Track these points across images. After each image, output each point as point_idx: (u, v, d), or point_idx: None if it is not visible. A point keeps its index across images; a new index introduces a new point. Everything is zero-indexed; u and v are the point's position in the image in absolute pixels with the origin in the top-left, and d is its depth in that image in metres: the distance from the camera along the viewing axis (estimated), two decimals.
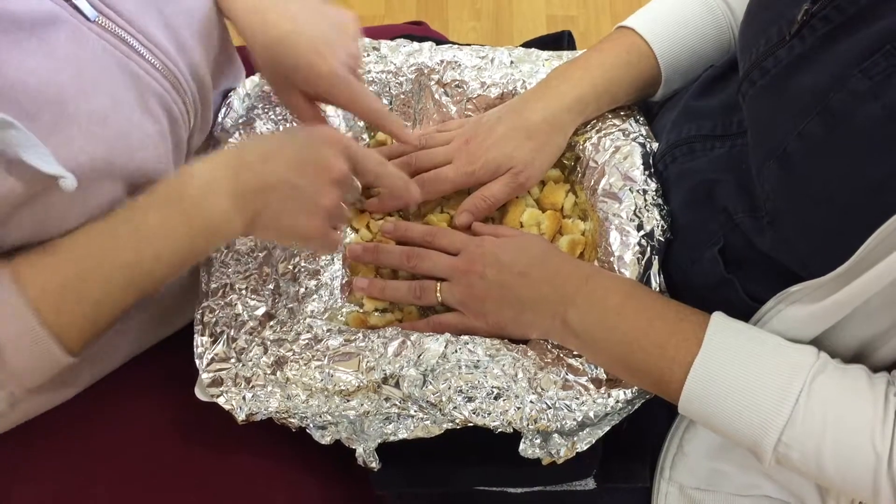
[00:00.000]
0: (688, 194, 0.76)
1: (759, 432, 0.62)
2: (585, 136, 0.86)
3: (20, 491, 0.76)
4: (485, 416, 0.68)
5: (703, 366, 0.64)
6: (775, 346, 0.64)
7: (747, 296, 0.69)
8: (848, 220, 0.58)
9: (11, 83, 0.53)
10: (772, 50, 0.64)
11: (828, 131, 0.58)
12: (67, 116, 0.57)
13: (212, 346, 0.72)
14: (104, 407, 0.78)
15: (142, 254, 0.62)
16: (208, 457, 0.77)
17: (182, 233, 0.62)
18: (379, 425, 0.71)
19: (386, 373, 0.70)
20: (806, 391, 0.61)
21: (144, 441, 0.78)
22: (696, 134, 0.77)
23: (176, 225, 0.62)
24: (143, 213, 0.62)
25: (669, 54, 0.83)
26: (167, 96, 0.67)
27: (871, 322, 0.61)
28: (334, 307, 0.79)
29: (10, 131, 0.51)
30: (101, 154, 0.59)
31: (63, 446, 0.77)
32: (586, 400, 0.70)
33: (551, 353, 0.73)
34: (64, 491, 0.76)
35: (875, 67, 0.55)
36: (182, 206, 0.62)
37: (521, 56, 0.93)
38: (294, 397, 0.70)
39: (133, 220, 0.62)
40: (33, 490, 0.76)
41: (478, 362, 0.70)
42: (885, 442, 0.59)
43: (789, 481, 0.74)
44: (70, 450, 0.77)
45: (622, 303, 0.70)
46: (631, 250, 0.75)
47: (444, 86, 0.91)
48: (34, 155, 0.52)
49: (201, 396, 0.72)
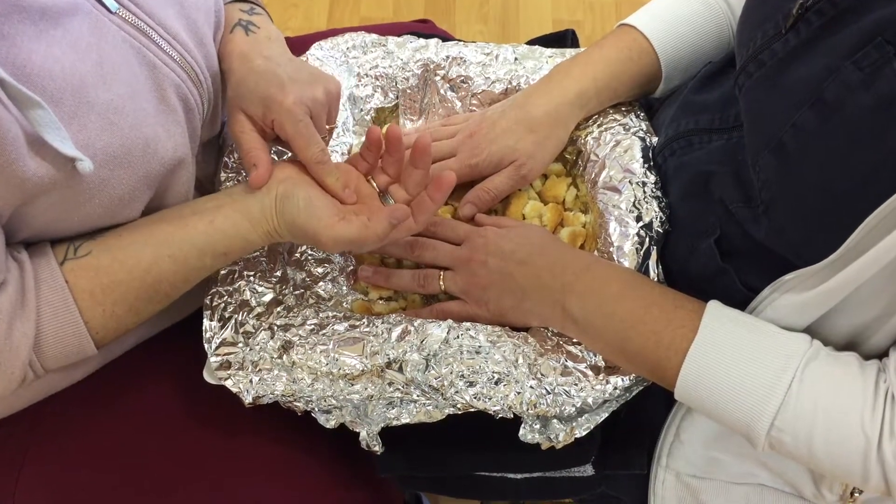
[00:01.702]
0: (685, 186, 0.78)
1: (753, 417, 0.63)
2: (587, 131, 0.87)
3: (28, 473, 0.77)
4: (486, 400, 0.70)
5: (699, 352, 0.66)
6: (769, 333, 0.66)
7: (743, 285, 0.70)
8: (840, 208, 0.59)
9: (38, 70, 0.56)
10: (768, 43, 0.66)
11: (821, 122, 0.59)
12: (87, 104, 0.59)
13: (220, 330, 0.74)
14: (114, 389, 0.80)
15: (213, 247, 0.69)
16: (215, 438, 0.79)
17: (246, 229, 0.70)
18: (382, 409, 0.73)
19: (389, 357, 0.71)
20: (798, 377, 0.62)
21: (153, 422, 0.80)
22: (694, 128, 0.78)
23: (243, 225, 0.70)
24: (212, 212, 0.70)
25: (670, 51, 0.85)
26: (184, 86, 0.69)
27: (862, 310, 0.62)
28: (340, 295, 0.81)
29: (38, 111, 0.54)
30: (118, 141, 0.62)
31: (71, 428, 0.79)
32: (585, 386, 0.71)
33: (551, 341, 0.74)
34: (71, 473, 0.78)
35: (866, 59, 0.56)
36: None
37: (525, 53, 0.95)
38: (300, 381, 0.72)
39: (205, 216, 0.69)
40: (41, 472, 0.78)
41: (479, 348, 0.72)
42: (875, 426, 0.60)
43: (784, 469, 0.75)
44: (78, 432, 0.79)
45: (620, 291, 0.72)
46: (630, 241, 0.77)
47: (450, 81, 0.93)
48: (55, 136, 0.55)
49: (209, 379, 0.73)
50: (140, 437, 0.79)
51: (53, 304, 0.64)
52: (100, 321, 0.66)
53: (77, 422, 0.79)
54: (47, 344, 0.64)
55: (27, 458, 0.78)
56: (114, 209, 0.65)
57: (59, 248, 0.66)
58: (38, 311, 0.63)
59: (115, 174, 0.62)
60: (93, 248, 0.66)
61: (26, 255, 0.64)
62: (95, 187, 0.62)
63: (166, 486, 0.77)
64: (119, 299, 0.67)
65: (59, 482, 0.78)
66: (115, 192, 0.63)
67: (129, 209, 0.67)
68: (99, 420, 0.79)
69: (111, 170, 0.62)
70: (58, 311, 0.64)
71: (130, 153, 0.63)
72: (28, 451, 0.78)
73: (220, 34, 0.76)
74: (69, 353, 0.66)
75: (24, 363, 0.63)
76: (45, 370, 0.66)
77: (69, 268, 0.65)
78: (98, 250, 0.66)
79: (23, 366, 0.63)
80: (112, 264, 0.66)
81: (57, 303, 0.64)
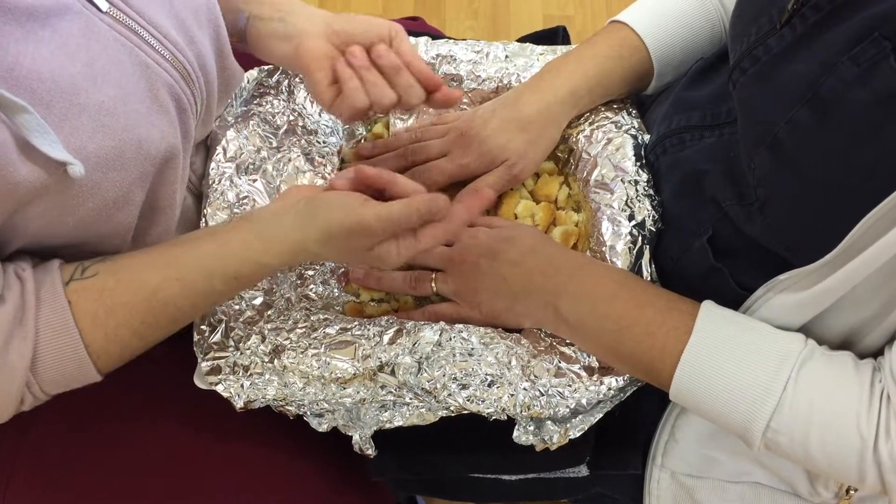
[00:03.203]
0: (678, 185, 0.78)
1: (749, 418, 0.63)
2: (579, 129, 0.87)
3: (18, 479, 0.76)
4: (479, 402, 0.69)
5: (693, 354, 0.65)
6: (764, 333, 0.65)
7: (737, 284, 0.70)
8: (837, 206, 0.59)
9: (27, 72, 0.54)
10: (762, 39, 0.65)
11: (818, 118, 0.59)
12: (78, 106, 0.58)
13: (210, 335, 0.73)
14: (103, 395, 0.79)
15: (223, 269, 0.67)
16: (206, 443, 0.78)
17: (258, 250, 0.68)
18: (375, 413, 0.72)
19: (382, 360, 0.70)
20: (794, 378, 0.62)
21: (143, 428, 0.79)
22: (685, 125, 0.77)
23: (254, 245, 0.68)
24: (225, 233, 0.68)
25: (661, 48, 0.84)
26: (176, 86, 0.67)
27: (857, 309, 0.62)
28: (331, 297, 0.80)
29: (25, 116, 0.53)
30: (110, 143, 0.60)
31: (62, 432, 0.78)
32: (579, 387, 0.71)
33: (544, 342, 0.74)
34: (61, 478, 0.77)
35: (863, 54, 0.56)
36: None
37: (516, 50, 0.94)
38: (291, 385, 0.71)
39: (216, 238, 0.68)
40: (30, 477, 0.77)
41: (472, 350, 0.71)
42: (871, 426, 0.60)
43: (779, 468, 0.75)
44: (69, 436, 0.78)
45: (613, 292, 0.71)
46: (623, 240, 0.77)
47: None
48: (44, 141, 0.54)
49: (200, 384, 0.73)
50: (131, 443, 0.78)
51: (53, 325, 0.62)
52: (101, 345, 0.64)
53: (67, 428, 0.78)
54: (45, 366, 0.62)
55: (16, 464, 0.77)
56: (108, 212, 0.64)
57: (67, 269, 0.65)
58: (36, 331, 0.61)
59: (108, 177, 0.61)
60: (100, 269, 0.65)
61: (31, 272, 0.63)
62: (88, 191, 0.60)
63: (158, 491, 0.77)
64: (123, 322, 0.64)
65: (49, 488, 0.77)
66: (109, 194, 0.62)
67: (124, 212, 0.66)
68: (88, 427, 0.78)
69: (104, 172, 0.61)
70: (58, 332, 0.62)
71: (123, 155, 0.62)
72: (17, 457, 0.77)
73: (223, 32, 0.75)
74: (69, 376, 0.64)
75: (21, 384, 0.62)
76: (45, 394, 0.64)
77: (73, 288, 0.63)
78: (105, 272, 0.65)
79: (20, 387, 0.62)
80: (117, 286, 0.65)
81: (57, 323, 0.62)
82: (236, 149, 0.82)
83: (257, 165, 0.82)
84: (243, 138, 0.83)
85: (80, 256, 0.67)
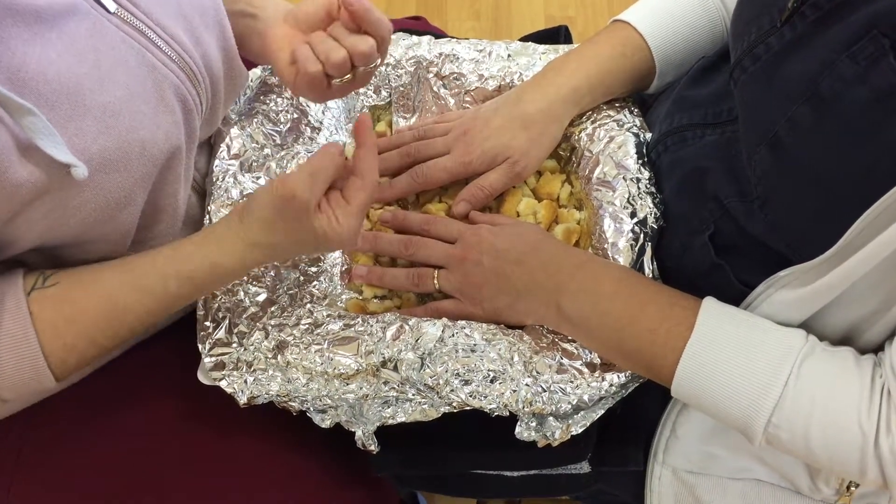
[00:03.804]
0: (680, 182, 0.78)
1: (750, 414, 0.63)
2: (581, 127, 0.87)
3: (21, 477, 0.77)
4: (481, 398, 0.70)
5: (695, 350, 0.66)
6: (765, 329, 0.65)
7: (738, 281, 0.70)
8: (837, 203, 0.59)
9: (34, 74, 0.55)
10: (763, 37, 0.66)
11: (817, 116, 0.59)
12: (83, 107, 0.58)
13: (214, 331, 0.74)
14: (107, 391, 0.80)
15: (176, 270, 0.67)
16: (210, 439, 0.79)
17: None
18: (378, 409, 0.73)
19: (384, 356, 0.71)
20: (795, 373, 0.62)
21: (147, 424, 0.79)
22: (687, 123, 0.78)
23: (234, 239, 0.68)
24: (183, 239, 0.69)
25: (664, 47, 0.85)
26: (182, 87, 0.68)
27: (858, 305, 0.62)
28: (334, 294, 0.81)
29: (30, 118, 0.53)
30: (115, 145, 0.61)
31: (65, 431, 0.78)
32: (581, 384, 0.71)
33: (546, 338, 0.74)
34: (65, 476, 0.77)
35: (862, 52, 0.56)
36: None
37: (519, 49, 0.94)
38: (294, 381, 0.71)
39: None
40: (33, 476, 0.77)
41: (474, 346, 0.72)
42: (872, 421, 0.60)
43: (781, 465, 0.75)
44: (71, 435, 0.78)
45: (615, 289, 0.72)
46: (624, 237, 0.77)
47: (443, 78, 0.93)
48: (49, 143, 0.54)
49: (204, 380, 0.73)
50: (134, 440, 0.79)
51: (13, 335, 0.62)
52: (59, 355, 0.65)
53: (70, 425, 0.79)
54: (5, 374, 0.63)
55: (20, 462, 0.77)
56: (110, 212, 0.64)
57: (30, 277, 0.65)
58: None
59: (111, 178, 0.62)
60: (61, 278, 0.65)
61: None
62: (91, 192, 0.61)
63: (161, 487, 0.77)
64: (81, 331, 0.65)
65: (53, 486, 0.77)
66: (112, 195, 0.62)
67: (126, 212, 0.66)
68: (92, 423, 0.79)
69: (107, 174, 0.61)
70: (18, 342, 0.63)
71: (127, 156, 0.62)
72: (20, 455, 0.78)
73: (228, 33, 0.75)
74: (26, 383, 0.65)
75: None
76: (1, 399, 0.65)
77: (35, 298, 0.64)
78: (66, 280, 0.65)
79: None
80: (75, 293, 0.65)
81: (17, 333, 0.62)
82: (240, 146, 0.83)
83: (261, 163, 0.83)
84: (247, 136, 0.84)
85: (81, 256, 0.68)
